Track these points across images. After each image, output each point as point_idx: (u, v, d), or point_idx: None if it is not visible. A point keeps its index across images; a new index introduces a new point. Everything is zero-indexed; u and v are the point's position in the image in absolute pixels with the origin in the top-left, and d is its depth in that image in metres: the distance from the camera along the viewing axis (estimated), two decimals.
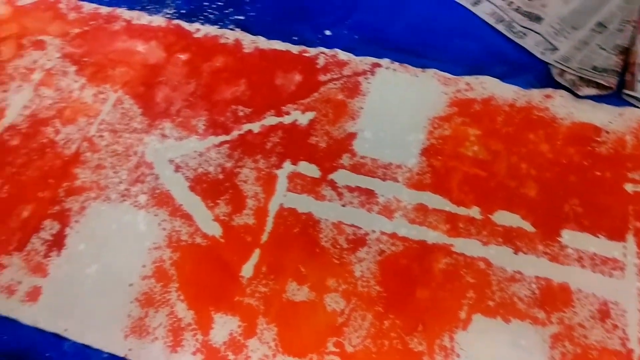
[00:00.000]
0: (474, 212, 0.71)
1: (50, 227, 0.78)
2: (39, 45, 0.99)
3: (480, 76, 0.82)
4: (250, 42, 0.91)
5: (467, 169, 0.74)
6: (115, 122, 0.86)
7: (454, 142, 0.76)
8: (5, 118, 0.90)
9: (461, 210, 0.71)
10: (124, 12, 0.99)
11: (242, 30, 0.92)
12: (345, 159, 0.76)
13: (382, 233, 0.70)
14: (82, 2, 1.02)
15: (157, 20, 0.97)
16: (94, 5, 1.01)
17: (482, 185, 0.73)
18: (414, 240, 0.69)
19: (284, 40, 0.89)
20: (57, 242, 0.76)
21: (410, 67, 0.83)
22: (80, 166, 0.83)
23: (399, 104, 0.79)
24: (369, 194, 0.73)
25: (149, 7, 0.99)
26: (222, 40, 0.92)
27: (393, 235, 0.70)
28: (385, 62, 0.84)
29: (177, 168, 0.80)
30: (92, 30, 0.98)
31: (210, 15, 0.95)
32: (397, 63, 0.84)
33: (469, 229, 0.69)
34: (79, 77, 0.93)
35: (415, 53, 0.85)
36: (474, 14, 0.89)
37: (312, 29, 0.90)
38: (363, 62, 0.85)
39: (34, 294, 0.72)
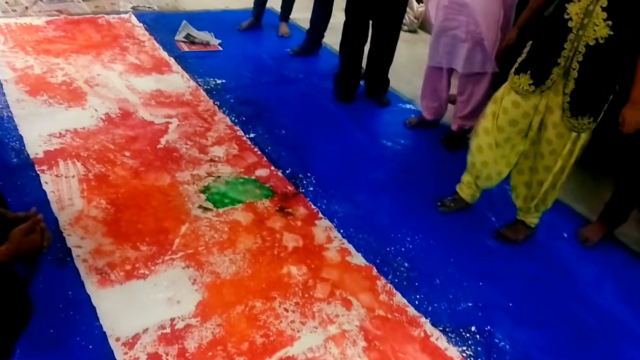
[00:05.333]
0: None
1: None
2: (347, 303, 1.12)
3: None
4: None
5: None
6: None
7: None
8: (291, 347, 1.01)
9: None
10: (426, 324, 1.08)
11: None
12: None
13: None
14: (396, 291, 1.16)
15: (452, 352, 1.02)
16: (405, 302, 1.13)
17: None
18: None
19: None
20: None
21: None
22: None
23: None
24: None
25: (451, 334, 1.06)
26: None
27: None
28: None
29: None
30: (393, 321, 1.08)
31: None
32: None
33: None
34: (364, 355, 1.00)
35: None
36: None
37: None
38: None
39: None
